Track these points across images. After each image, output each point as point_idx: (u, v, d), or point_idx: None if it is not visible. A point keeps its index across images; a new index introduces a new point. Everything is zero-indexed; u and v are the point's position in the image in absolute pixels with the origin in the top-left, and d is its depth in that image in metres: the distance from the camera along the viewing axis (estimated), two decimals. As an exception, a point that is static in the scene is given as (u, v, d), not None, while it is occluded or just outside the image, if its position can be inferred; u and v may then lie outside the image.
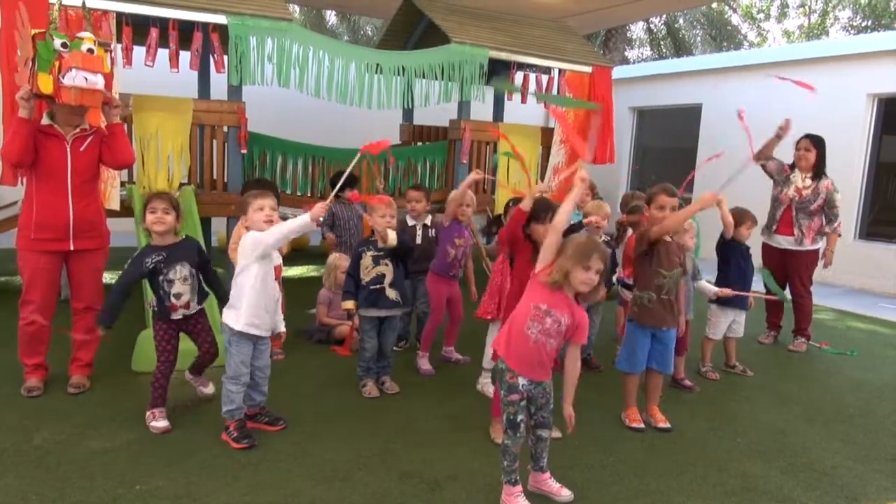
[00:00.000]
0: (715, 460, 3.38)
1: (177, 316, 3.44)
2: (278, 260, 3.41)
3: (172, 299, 3.38)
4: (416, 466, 3.12)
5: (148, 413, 3.41)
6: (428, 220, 4.66)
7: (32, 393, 3.68)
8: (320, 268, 6.51)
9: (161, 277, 3.36)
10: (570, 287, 2.71)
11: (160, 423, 3.37)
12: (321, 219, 3.24)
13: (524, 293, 2.84)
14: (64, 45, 3.42)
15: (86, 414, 3.50)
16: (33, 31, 3.44)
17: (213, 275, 3.61)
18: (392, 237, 3.83)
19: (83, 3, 4.12)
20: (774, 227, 5.59)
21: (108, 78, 3.61)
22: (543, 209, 3.44)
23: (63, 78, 3.40)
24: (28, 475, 2.85)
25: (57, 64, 3.41)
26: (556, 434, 3.21)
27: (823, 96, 8.92)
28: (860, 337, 6.23)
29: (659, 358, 3.70)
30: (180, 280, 3.38)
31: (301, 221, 3.16)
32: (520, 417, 2.76)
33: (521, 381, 2.74)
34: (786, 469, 3.33)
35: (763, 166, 5.67)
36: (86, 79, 3.44)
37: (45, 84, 3.41)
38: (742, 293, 4.56)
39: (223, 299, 3.47)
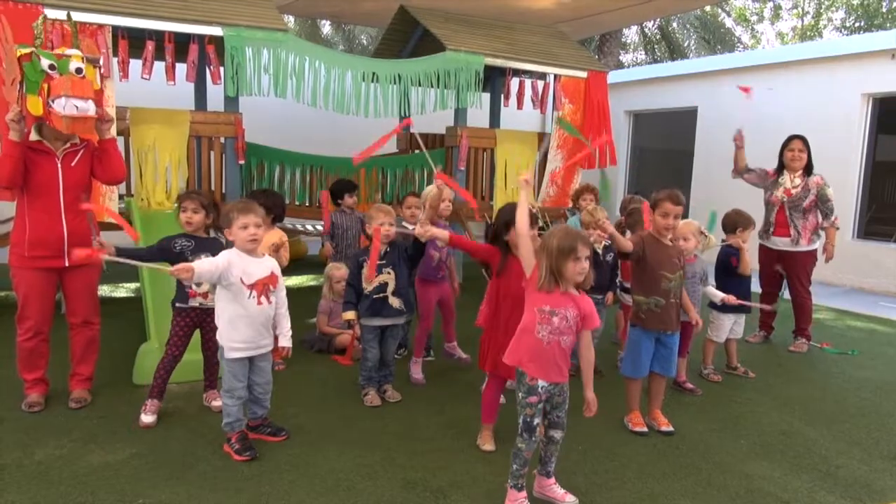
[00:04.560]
0: (718, 462, 3.38)
1: (194, 303, 3.60)
2: (260, 274, 3.21)
3: (193, 286, 3.55)
4: (419, 474, 3.11)
5: (144, 404, 3.60)
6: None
7: (33, 408, 3.67)
8: (319, 277, 6.51)
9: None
10: (564, 282, 2.71)
11: (147, 418, 3.54)
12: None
13: (526, 301, 2.84)
14: (52, 66, 3.38)
15: (87, 428, 3.49)
16: (19, 53, 3.38)
17: None
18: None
19: (68, 15, 4.06)
20: (771, 230, 5.61)
21: (99, 95, 3.57)
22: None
23: (53, 104, 3.37)
24: (30, 490, 2.84)
25: (45, 86, 3.36)
26: None
27: (818, 97, 9.02)
28: (860, 336, 6.23)
29: (663, 361, 3.70)
30: None
31: (209, 264, 3.07)
32: (536, 421, 2.75)
33: (541, 383, 2.74)
34: (790, 470, 3.33)
35: (745, 180, 5.73)
36: (76, 107, 3.39)
37: (35, 106, 3.37)
38: (746, 304, 4.55)
39: None
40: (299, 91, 5.88)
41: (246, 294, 3.16)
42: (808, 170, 5.47)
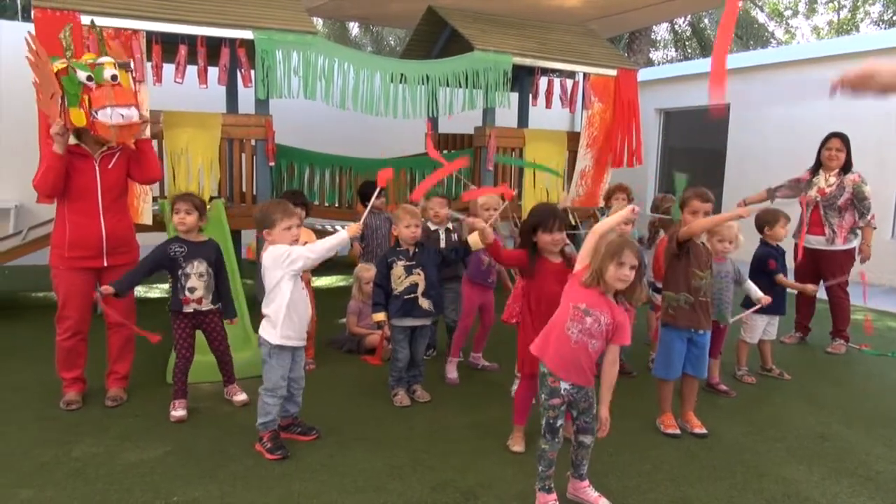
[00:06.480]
0: (754, 466, 3.31)
1: (188, 309, 3.68)
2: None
3: (186, 293, 3.64)
4: (449, 475, 3.10)
5: (172, 403, 3.70)
6: (450, 226, 4.68)
7: (71, 406, 3.75)
8: (348, 278, 6.54)
9: (179, 271, 3.63)
10: (606, 286, 2.70)
11: (177, 413, 3.64)
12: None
13: (563, 295, 2.82)
14: (89, 77, 3.45)
15: (122, 426, 3.56)
16: (56, 68, 3.44)
17: (223, 279, 3.83)
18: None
19: (92, 22, 4.15)
20: (805, 229, 5.50)
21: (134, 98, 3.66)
22: (548, 216, 3.40)
23: (98, 115, 3.45)
24: (68, 487, 2.90)
25: (86, 98, 3.45)
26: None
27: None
28: (901, 337, 6.07)
29: (695, 362, 3.65)
30: (196, 275, 3.65)
31: (339, 239, 3.31)
32: (559, 422, 2.74)
33: (564, 385, 2.73)
34: (828, 474, 3.25)
35: (780, 197, 5.63)
36: (122, 115, 3.49)
37: (78, 118, 3.45)
38: (788, 284, 4.55)
39: (224, 301, 3.79)
40: (328, 93, 5.92)
41: (300, 284, 3.31)
42: (845, 168, 5.35)
